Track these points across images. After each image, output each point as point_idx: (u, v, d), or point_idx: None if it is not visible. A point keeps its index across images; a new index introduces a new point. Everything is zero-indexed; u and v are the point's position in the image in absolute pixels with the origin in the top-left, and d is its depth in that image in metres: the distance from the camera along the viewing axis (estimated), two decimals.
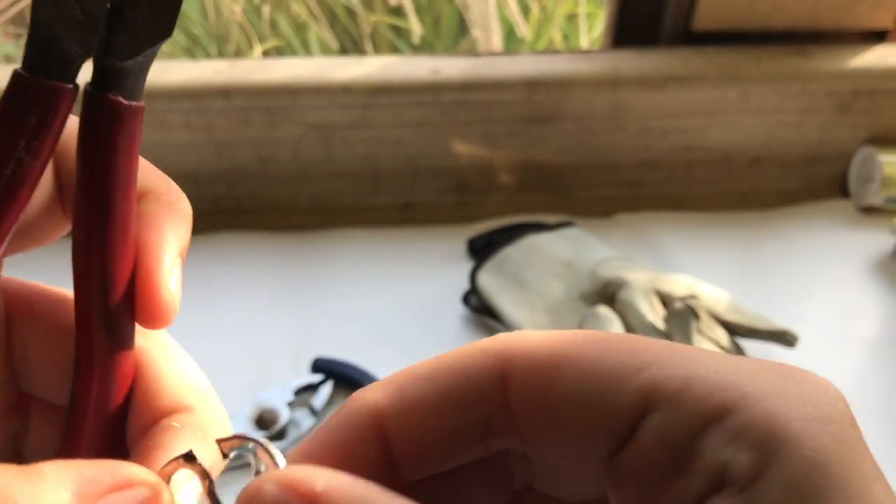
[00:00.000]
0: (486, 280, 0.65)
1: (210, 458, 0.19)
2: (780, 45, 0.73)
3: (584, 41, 1.34)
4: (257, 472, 0.18)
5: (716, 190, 0.79)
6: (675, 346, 0.18)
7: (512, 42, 1.38)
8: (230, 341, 0.64)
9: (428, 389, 0.19)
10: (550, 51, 0.72)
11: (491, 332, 0.64)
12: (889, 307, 0.67)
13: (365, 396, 0.19)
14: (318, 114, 0.70)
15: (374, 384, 0.20)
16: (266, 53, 1.40)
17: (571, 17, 1.45)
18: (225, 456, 0.19)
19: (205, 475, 0.18)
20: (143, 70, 0.18)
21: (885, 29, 0.75)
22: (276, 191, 0.75)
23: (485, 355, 0.19)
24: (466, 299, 0.66)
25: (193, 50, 1.54)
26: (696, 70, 0.71)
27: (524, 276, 0.64)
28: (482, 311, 0.65)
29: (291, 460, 0.19)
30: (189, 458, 0.18)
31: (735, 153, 0.77)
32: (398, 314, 0.66)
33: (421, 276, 0.69)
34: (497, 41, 1.20)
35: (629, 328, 0.58)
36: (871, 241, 0.73)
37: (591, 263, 0.64)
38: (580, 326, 0.57)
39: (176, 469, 0.19)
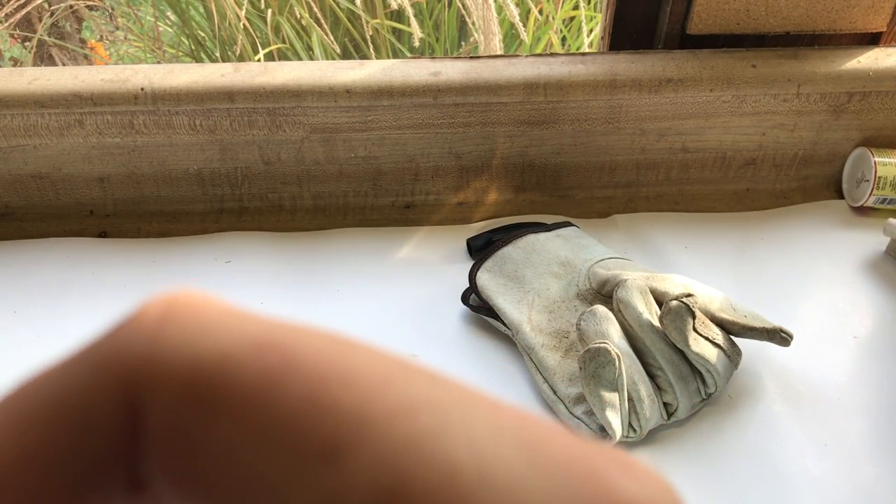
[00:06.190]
0: (485, 279, 0.65)
1: None
2: (774, 49, 0.74)
3: (582, 45, 1.34)
4: None
5: (711, 191, 0.79)
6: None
7: (512, 46, 1.39)
8: None
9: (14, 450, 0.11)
10: (548, 54, 0.73)
11: (490, 331, 0.65)
12: (881, 306, 0.67)
13: None
14: (320, 116, 0.71)
15: None
16: (269, 57, 1.41)
17: (570, 21, 1.46)
18: None
19: None
20: None
21: (878, 32, 0.76)
22: (279, 191, 0.76)
23: (100, 378, 0.11)
24: (465, 298, 0.66)
25: (198, 53, 1.56)
26: (692, 73, 0.71)
27: (523, 275, 0.65)
28: (481, 310, 0.65)
29: None
30: None
31: (730, 154, 0.78)
32: (398, 314, 0.66)
33: (421, 276, 0.70)
34: (498, 45, 1.21)
35: (626, 327, 0.59)
36: (865, 241, 0.73)
37: (589, 263, 0.64)
38: (578, 325, 0.58)
39: None
